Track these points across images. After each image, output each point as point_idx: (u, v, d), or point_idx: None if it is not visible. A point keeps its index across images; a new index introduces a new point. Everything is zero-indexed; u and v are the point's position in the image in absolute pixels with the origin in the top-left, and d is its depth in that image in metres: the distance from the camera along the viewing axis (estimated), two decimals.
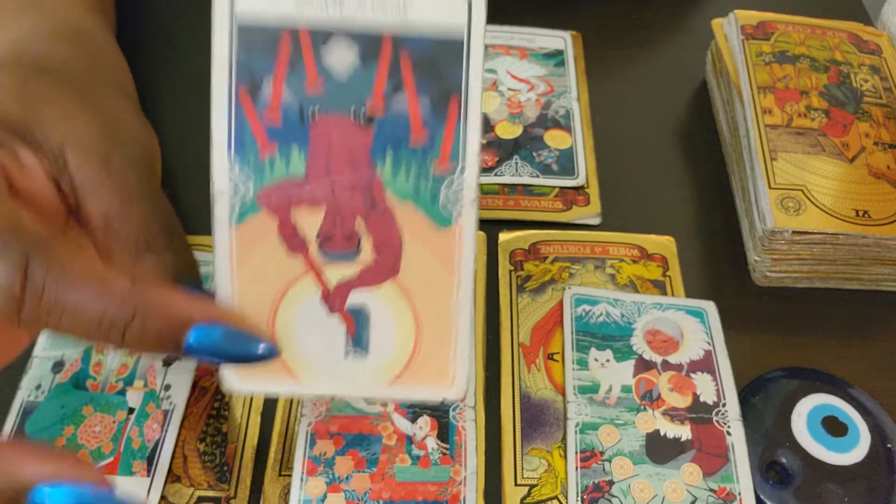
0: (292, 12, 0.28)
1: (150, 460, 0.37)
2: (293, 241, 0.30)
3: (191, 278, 0.32)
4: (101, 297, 0.27)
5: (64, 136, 0.31)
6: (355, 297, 0.30)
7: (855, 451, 0.39)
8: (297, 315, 0.30)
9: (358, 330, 0.30)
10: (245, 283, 0.30)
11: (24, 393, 0.39)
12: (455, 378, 0.31)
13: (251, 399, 0.40)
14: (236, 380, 0.31)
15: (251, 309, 0.30)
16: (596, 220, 0.48)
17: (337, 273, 0.30)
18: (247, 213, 0.29)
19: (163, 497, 0.37)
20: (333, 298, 0.30)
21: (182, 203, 0.47)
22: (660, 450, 0.38)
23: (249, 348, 0.29)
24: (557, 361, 0.42)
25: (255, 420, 0.39)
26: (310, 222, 0.30)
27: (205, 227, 0.47)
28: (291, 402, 0.40)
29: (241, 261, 0.30)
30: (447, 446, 0.38)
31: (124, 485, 0.36)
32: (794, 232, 0.43)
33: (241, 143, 0.29)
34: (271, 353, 0.29)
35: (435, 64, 0.29)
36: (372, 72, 0.28)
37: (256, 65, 0.28)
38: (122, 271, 0.30)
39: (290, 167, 0.29)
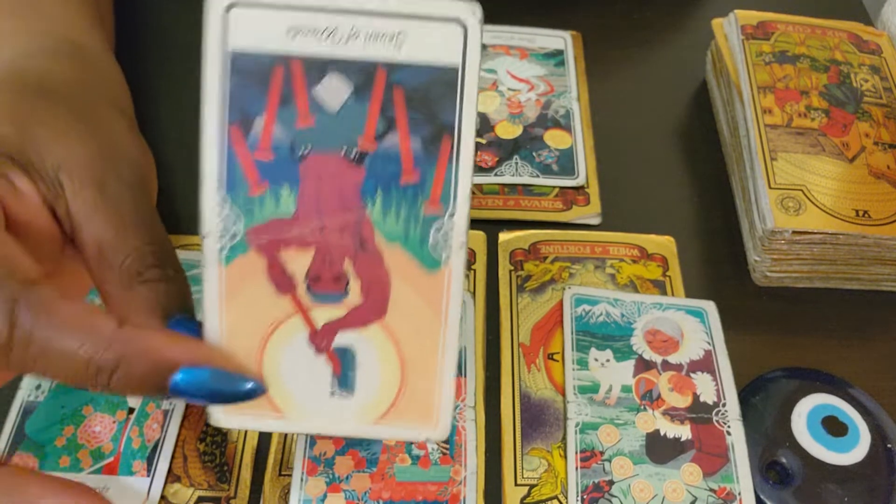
0: (285, 47, 0.27)
1: (150, 460, 0.37)
2: (281, 281, 0.29)
3: (183, 308, 0.31)
4: (87, 344, 0.26)
5: (59, 159, 0.31)
6: (342, 338, 0.30)
7: (855, 451, 0.39)
8: (284, 353, 0.30)
9: (344, 370, 0.30)
10: (234, 320, 0.30)
11: (24, 393, 0.39)
12: (439, 419, 0.31)
13: None
14: (223, 415, 0.31)
15: (239, 346, 0.30)
16: (596, 220, 0.48)
17: (325, 314, 0.30)
18: (236, 253, 0.29)
19: (163, 497, 0.37)
20: (320, 339, 0.30)
21: (180, 204, 0.47)
22: (660, 450, 0.38)
23: (236, 387, 0.29)
24: (557, 361, 0.42)
25: None
26: (298, 263, 0.29)
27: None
28: None
29: (230, 299, 0.29)
30: (447, 446, 0.38)
31: (124, 485, 0.36)
32: (794, 232, 0.43)
33: (231, 182, 0.29)
34: (258, 391, 0.29)
35: (428, 102, 0.28)
36: (364, 108, 0.28)
37: (248, 101, 0.28)
38: (112, 308, 0.30)
39: (279, 206, 0.29)
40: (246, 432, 0.39)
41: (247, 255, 0.29)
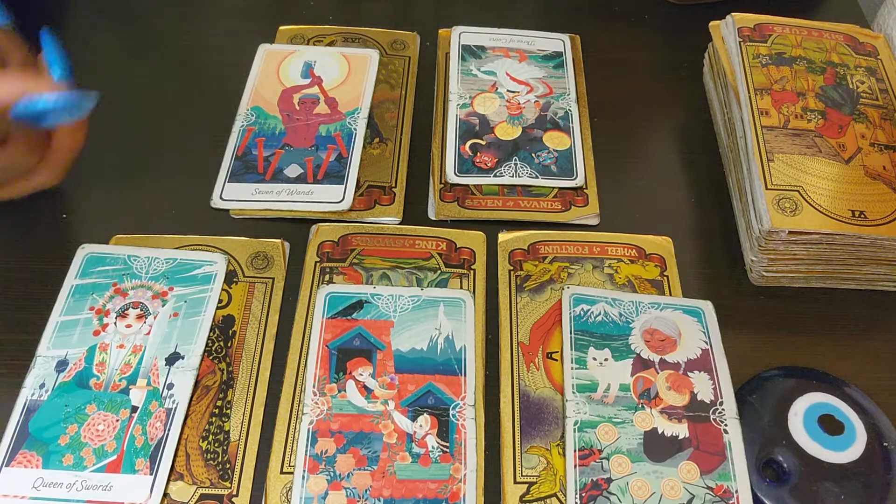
0: None
1: (153, 458, 0.38)
2: None
3: None
4: None
5: None
6: None
7: (851, 449, 0.39)
8: None
9: None
10: None
11: (28, 392, 0.39)
12: None
13: (253, 397, 0.40)
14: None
15: None
16: (594, 221, 0.49)
17: None
18: None
19: (166, 495, 0.37)
20: None
21: (180, 205, 0.48)
22: (658, 448, 0.39)
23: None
24: (556, 360, 0.42)
25: (258, 418, 0.40)
26: None
27: (203, 228, 0.48)
28: (293, 400, 0.40)
29: None
30: (447, 444, 0.39)
31: (127, 482, 0.37)
32: (790, 232, 0.43)
33: None
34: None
35: None
36: None
37: None
38: None
39: None
40: (248, 430, 0.39)
41: None
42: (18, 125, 0.38)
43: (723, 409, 0.40)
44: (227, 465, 0.38)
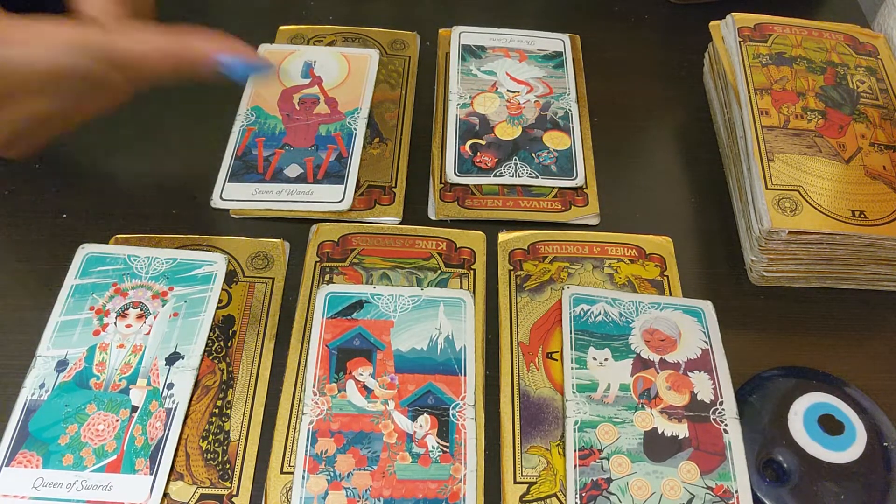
0: None
1: (153, 458, 0.38)
2: None
3: None
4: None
5: None
6: None
7: (851, 449, 0.39)
8: None
9: None
10: None
11: (28, 391, 0.39)
12: None
13: (253, 397, 0.40)
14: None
15: None
16: (594, 221, 0.49)
17: None
18: None
19: (165, 495, 0.37)
20: None
21: (181, 206, 0.48)
22: (658, 448, 0.39)
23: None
24: (556, 360, 0.42)
25: (258, 418, 0.40)
26: None
27: (203, 228, 0.48)
28: (293, 400, 0.40)
29: None
30: (447, 444, 0.39)
31: (127, 482, 0.37)
32: (790, 232, 0.43)
33: None
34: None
35: None
36: None
37: None
38: None
39: None
40: (248, 430, 0.39)
41: None
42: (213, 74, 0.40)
43: (723, 409, 0.40)
44: (227, 465, 0.38)
